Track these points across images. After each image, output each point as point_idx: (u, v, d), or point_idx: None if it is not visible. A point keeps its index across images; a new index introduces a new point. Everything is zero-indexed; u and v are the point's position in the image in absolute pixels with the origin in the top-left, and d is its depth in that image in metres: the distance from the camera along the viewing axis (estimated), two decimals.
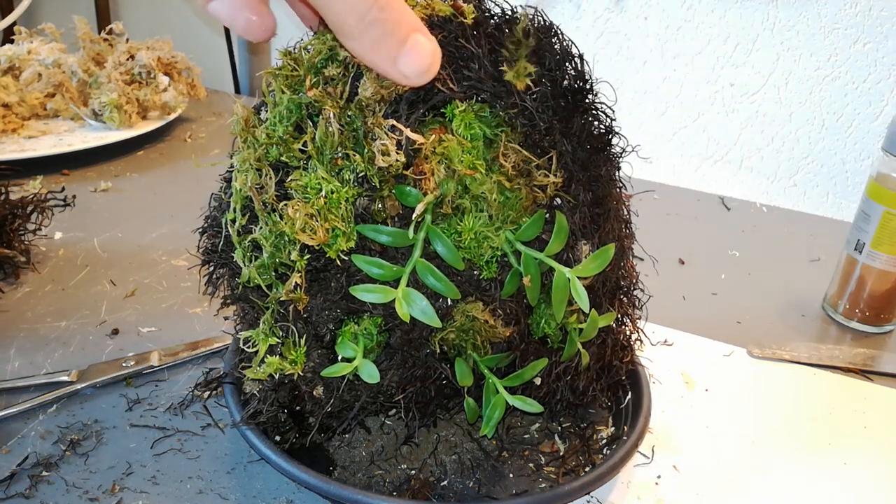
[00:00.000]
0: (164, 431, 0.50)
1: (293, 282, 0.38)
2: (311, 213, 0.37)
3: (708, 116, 1.02)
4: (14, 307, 0.62)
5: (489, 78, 0.38)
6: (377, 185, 0.37)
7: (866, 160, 0.97)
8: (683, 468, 0.50)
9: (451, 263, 0.39)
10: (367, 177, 0.37)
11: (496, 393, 0.44)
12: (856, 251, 0.68)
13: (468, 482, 0.47)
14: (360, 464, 0.47)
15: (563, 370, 0.45)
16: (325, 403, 0.43)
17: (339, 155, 0.37)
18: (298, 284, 0.39)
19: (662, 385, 0.58)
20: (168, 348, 0.57)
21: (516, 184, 0.39)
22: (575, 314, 0.43)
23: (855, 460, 0.53)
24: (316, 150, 0.37)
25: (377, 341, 0.41)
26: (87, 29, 1.02)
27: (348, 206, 0.37)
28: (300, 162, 0.38)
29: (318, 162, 0.37)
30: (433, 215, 0.39)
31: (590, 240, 0.41)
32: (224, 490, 0.45)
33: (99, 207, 0.81)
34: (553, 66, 0.39)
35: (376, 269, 0.38)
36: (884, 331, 0.69)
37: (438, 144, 0.37)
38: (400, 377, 0.42)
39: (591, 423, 0.51)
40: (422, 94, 0.38)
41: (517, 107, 0.38)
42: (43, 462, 0.46)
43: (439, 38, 0.37)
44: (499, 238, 0.40)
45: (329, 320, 0.41)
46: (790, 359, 0.63)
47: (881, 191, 0.65)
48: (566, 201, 0.41)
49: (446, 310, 0.41)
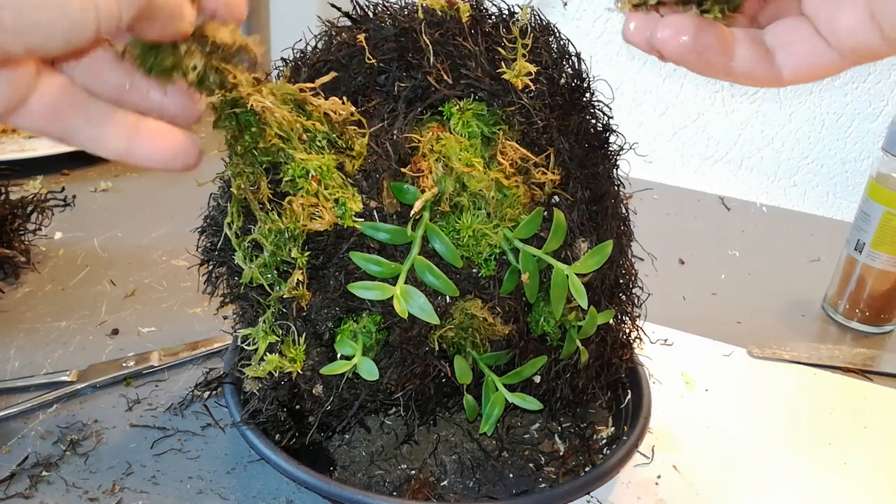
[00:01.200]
0: (164, 431, 0.50)
1: (295, 279, 0.39)
2: (312, 202, 0.37)
3: (708, 116, 1.02)
4: (14, 307, 0.62)
5: (486, 76, 0.38)
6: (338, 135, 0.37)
7: (866, 160, 0.97)
8: (683, 468, 0.50)
9: (449, 261, 0.39)
10: (331, 140, 0.37)
11: (495, 390, 0.44)
12: (856, 251, 0.68)
13: (468, 482, 0.47)
14: (360, 464, 0.47)
15: (563, 368, 0.45)
16: (324, 402, 0.43)
17: (301, 130, 0.37)
18: (301, 281, 0.39)
19: (662, 385, 0.58)
20: (168, 348, 0.57)
21: (514, 181, 0.39)
22: (574, 311, 0.43)
23: (855, 460, 0.53)
24: (282, 139, 0.37)
25: (376, 339, 0.41)
26: None
27: (339, 174, 0.37)
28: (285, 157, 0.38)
29: (291, 149, 0.37)
30: (431, 213, 0.39)
31: (588, 237, 0.41)
32: (224, 490, 0.45)
33: (99, 207, 0.81)
34: (550, 65, 0.39)
35: (375, 266, 0.38)
36: (884, 331, 0.69)
37: (436, 142, 0.38)
38: (399, 375, 0.42)
39: (591, 423, 0.51)
40: (419, 93, 0.38)
41: (514, 105, 0.38)
42: (43, 462, 0.46)
43: (437, 36, 0.37)
44: (497, 235, 0.40)
45: (328, 318, 0.41)
46: (790, 359, 0.63)
47: (881, 191, 0.65)
48: (564, 199, 0.41)
49: (445, 307, 0.41)
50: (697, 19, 0.30)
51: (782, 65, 0.31)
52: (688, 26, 0.30)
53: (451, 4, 0.38)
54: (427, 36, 0.38)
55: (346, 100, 0.37)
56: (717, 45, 0.30)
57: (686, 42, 0.30)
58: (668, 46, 0.30)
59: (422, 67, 0.38)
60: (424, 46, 0.38)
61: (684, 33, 0.30)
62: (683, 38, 0.30)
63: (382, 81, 0.39)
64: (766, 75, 0.31)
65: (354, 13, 0.41)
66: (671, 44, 0.30)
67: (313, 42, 0.42)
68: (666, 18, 0.30)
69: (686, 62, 0.31)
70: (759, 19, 0.33)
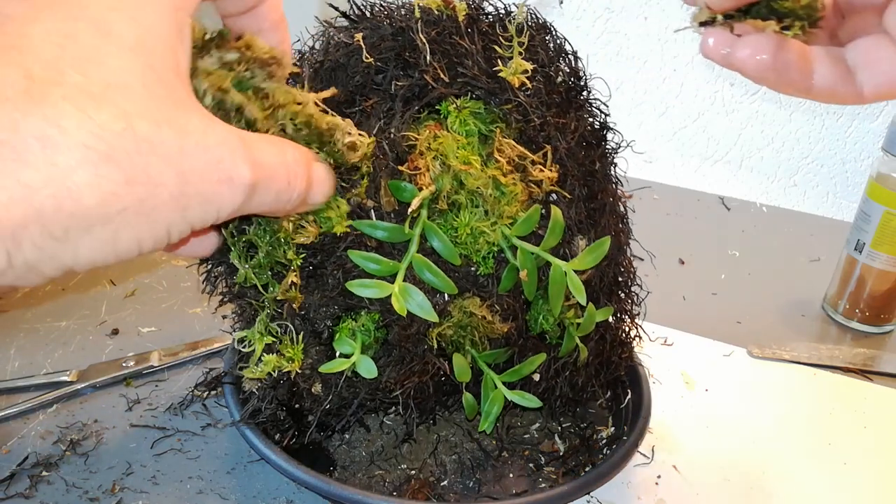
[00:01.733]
0: (164, 431, 0.50)
1: (289, 281, 0.38)
2: (296, 217, 0.36)
3: (708, 116, 1.02)
4: (14, 307, 0.62)
5: (483, 74, 0.38)
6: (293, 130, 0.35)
7: (866, 160, 0.97)
8: (683, 468, 0.50)
9: (447, 259, 0.39)
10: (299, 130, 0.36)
11: (494, 388, 0.44)
12: (856, 251, 0.68)
13: (468, 482, 0.47)
14: (360, 464, 0.47)
15: (562, 365, 0.45)
16: (323, 400, 0.43)
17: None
18: (294, 283, 0.39)
19: (662, 385, 0.58)
20: (168, 348, 0.57)
21: (512, 179, 0.39)
22: (572, 309, 0.43)
23: (855, 460, 0.53)
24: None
25: (375, 337, 0.42)
26: None
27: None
28: None
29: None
30: (429, 211, 0.39)
31: (586, 234, 0.41)
32: (224, 490, 0.45)
33: None
34: (547, 63, 0.39)
35: (373, 264, 0.38)
36: (884, 331, 0.69)
37: (433, 140, 0.38)
38: (398, 373, 0.42)
39: (591, 422, 0.51)
40: (416, 92, 0.38)
41: (511, 102, 0.38)
42: (43, 462, 0.46)
43: (434, 35, 0.37)
44: (495, 233, 0.40)
45: (326, 317, 0.41)
46: (790, 359, 0.63)
47: (881, 191, 0.65)
48: (562, 196, 0.41)
49: (443, 305, 0.41)
50: (776, 38, 0.30)
51: (863, 83, 0.31)
52: (767, 45, 0.30)
53: (447, 3, 0.38)
54: (424, 35, 0.38)
55: (369, 136, 0.36)
56: (797, 64, 0.30)
57: (765, 60, 0.30)
58: (747, 65, 0.30)
59: (419, 66, 0.39)
60: (421, 45, 0.38)
61: (763, 52, 0.30)
62: (763, 56, 0.30)
63: (380, 80, 0.39)
64: (847, 93, 0.31)
65: (352, 13, 0.41)
66: (750, 62, 0.30)
67: (311, 42, 0.42)
68: (745, 38, 0.30)
69: (766, 81, 0.31)
70: (839, 35, 0.33)
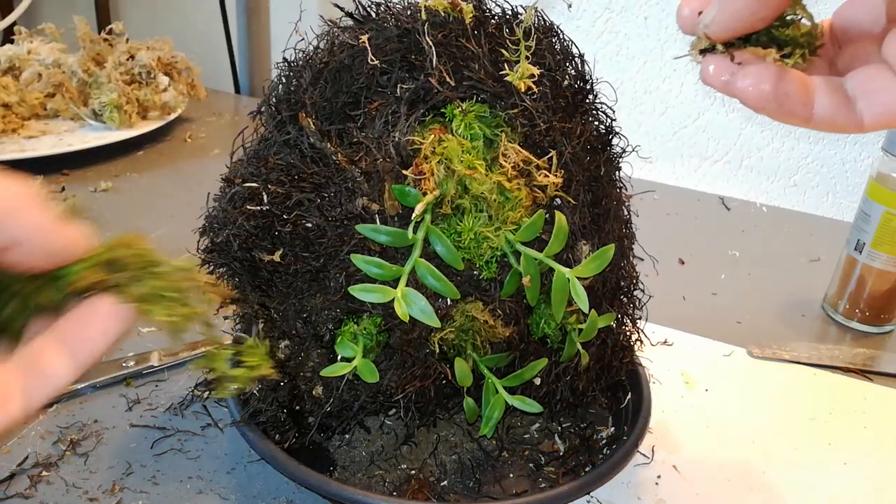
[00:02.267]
0: (164, 431, 0.50)
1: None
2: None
3: (708, 116, 1.02)
4: None
5: (489, 78, 0.38)
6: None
7: (866, 160, 0.97)
8: (683, 468, 0.50)
9: (450, 263, 0.39)
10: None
11: (496, 393, 0.44)
12: (856, 251, 0.68)
13: (468, 482, 0.47)
14: (360, 464, 0.47)
15: (563, 370, 0.45)
16: (324, 403, 0.43)
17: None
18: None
19: (662, 385, 0.58)
20: (168, 348, 0.57)
21: (516, 184, 0.39)
22: (574, 314, 0.43)
23: (855, 460, 0.53)
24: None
25: (377, 341, 0.41)
26: (87, 29, 1.02)
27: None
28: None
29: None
30: (433, 215, 0.39)
31: (590, 240, 0.41)
32: (224, 490, 0.45)
33: (99, 207, 0.81)
34: (553, 67, 0.39)
35: (376, 268, 0.38)
36: (884, 331, 0.69)
37: (438, 144, 0.37)
38: (399, 377, 0.42)
39: (591, 423, 0.51)
40: (422, 95, 0.38)
41: (517, 107, 0.38)
42: (43, 462, 0.46)
43: (439, 37, 0.37)
44: (498, 238, 0.40)
45: (328, 320, 0.41)
46: (790, 359, 0.63)
47: (881, 191, 0.65)
48: (566, 202, 0.41)
49: (446, 310, 0.41)
50: (777, 68, 0.29)
51: (863, 112, 0.31)
52: (768, 75, 0.30)
53: (454, 5, 0.38)
54: (430, 37, 0.38)
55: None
56: (798, 94, 0.30)
57: (766, 90, 0.30)
58: (748, 95, 0.30)
59: (424, 69, 0.38)
60: (427, 48, 0.38)
61: (765, 82, 0.30)
62: (764, 86, 0.30)
63: (384, 83, 0.39)
64: (848, 123, 0.31)
65: (357, 13, 0.41)
66: (751, 92, 0.30)
67: (315, 42, 0.42)
68: (747, 67, 0.30)
69: (766, 111, 0.31)
70: (836, 63, 0.33)
